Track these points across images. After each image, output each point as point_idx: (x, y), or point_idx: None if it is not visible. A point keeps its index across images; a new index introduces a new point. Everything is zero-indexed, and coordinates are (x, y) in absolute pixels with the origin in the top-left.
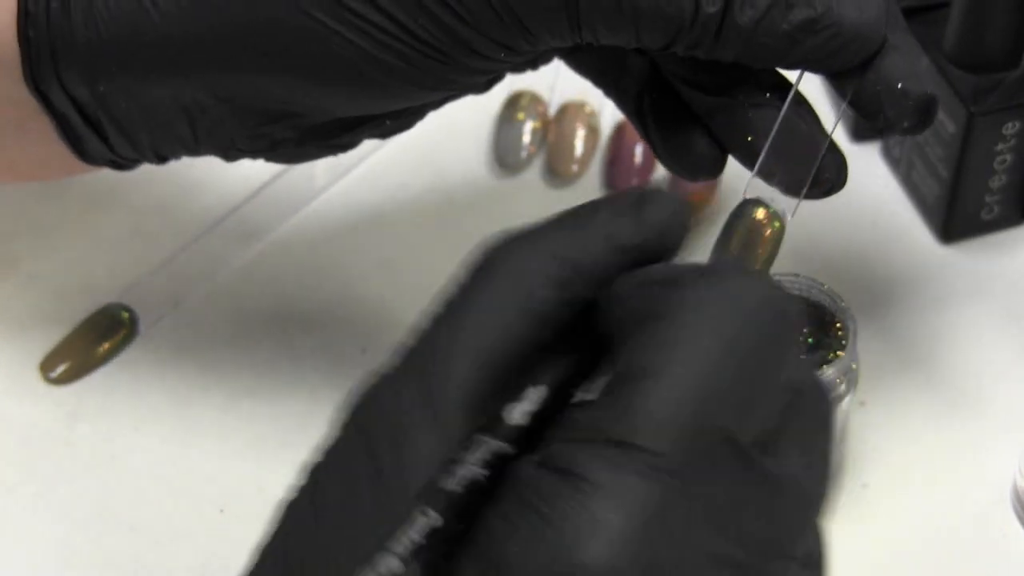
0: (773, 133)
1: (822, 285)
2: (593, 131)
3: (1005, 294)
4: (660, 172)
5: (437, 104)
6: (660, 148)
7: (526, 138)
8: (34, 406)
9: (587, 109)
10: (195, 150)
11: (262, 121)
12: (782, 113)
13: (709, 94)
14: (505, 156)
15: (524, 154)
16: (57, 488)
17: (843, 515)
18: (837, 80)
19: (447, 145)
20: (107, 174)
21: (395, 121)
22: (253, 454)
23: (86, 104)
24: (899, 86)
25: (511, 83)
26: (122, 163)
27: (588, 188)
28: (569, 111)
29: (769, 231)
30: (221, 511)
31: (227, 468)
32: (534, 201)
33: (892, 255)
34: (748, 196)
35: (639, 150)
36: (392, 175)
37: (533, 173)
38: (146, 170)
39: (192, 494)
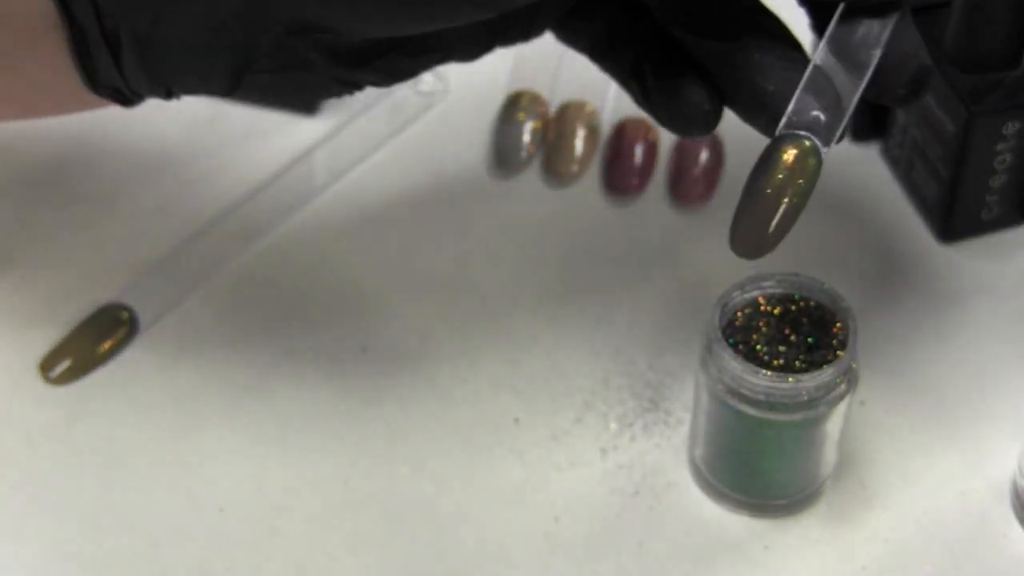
0: (804, 80)
1: (822, 285)
2: (593, 131)
3: (1005, 294)
4: (660, 174)
5: (444, 55)
6: (659, 106)
7: (526, 138)
8: (34, 406)
9: (587, 109)
10: (208, 74)
11: (290, 29)
12: (813, 61)
13: (716, 40)
14: (505, 156)
15: (524, 154)
16: (57, 488)
17: (843, 515)
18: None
19: (447, 145)
20: (107, 174)
21: (404, 58)
22: (253, 454)
23: (108, 13)
24: (905, 52)
25: (511, 83)
26: (128, 96)
27: (588, 188)
28: (569, 111)
29: (805, 165)
30: (221, 511)
31: (227, 468)
32: (534, 201)
33: (892, 255)
34: (781, 131)
35: (639, 150)
36: (392, 175)
37: (533, 173)
38: (146, 169)
39: (192, 494)
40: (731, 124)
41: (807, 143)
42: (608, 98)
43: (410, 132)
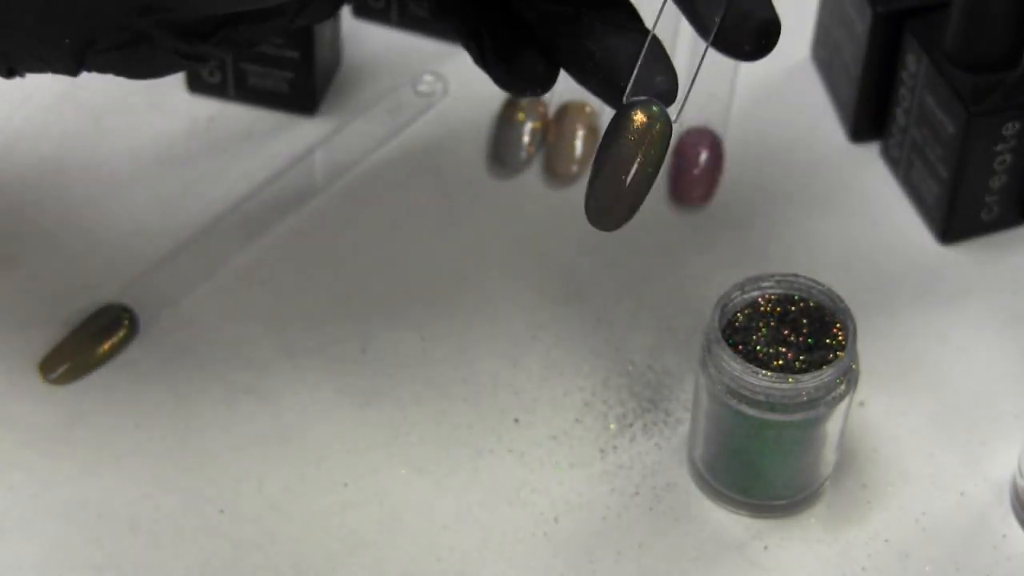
0: (647, 45)
1: (822, 285)
2: (593, 131)
3: (1005, 294)
4: (660, 174)
5: (290, 19)
6: (494, 67)
7: (526, 138)
8: (34, 406)
9: (587, 109)
10: (50, 56)
11: (129, 9)
12: (654, 26)
13: (549, 3)
14: (505, 156)
15: (524, 154)
16: (57, 488)
17: (843, 515)
18: None
19: (447, 145)
20: (107, 174)
21: (247, 27)
22: (253, 454)
23: None
24: (751, 7)
25: None
26: None
27: None
28: (569, 111)
29: (654, 131)
30: (221, 511)
31: (227, 468)
32: (534, 201)
33: (892, 255)
34: (630, 99)
35: None
36: (392, 175)
37: (533, 173)
38: (146, 169)
39: (192, 494)
40: (732, 124)
41: (655, 108)
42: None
43: (410, 132)
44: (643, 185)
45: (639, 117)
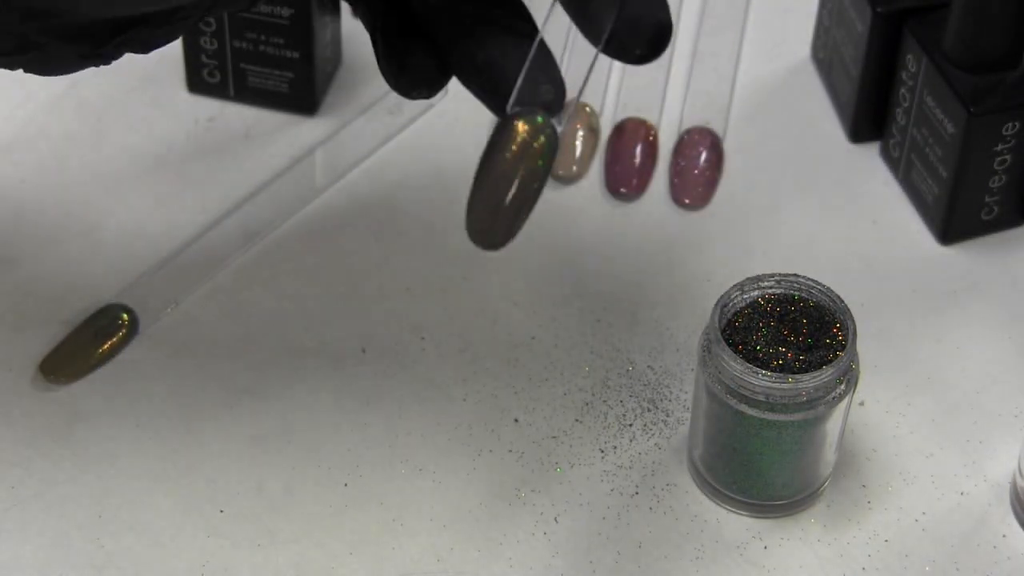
0: (533, 52)
1: (822, 285)
2: (593, 131)
3: (1005, 294)
4: (660, 174)
5: (196, 14)
6: (387, 68)
7: None
8: (34, 406)
9: (587, 109)
10: None
11: (21, 16)
12: (540, 32)
13: (437, 3)
14: None
15: None
16: (57, 488)
17: (843, 515)
18: None
19: (447, 145)
20: (107, 174)
21: (154, 29)
22: (253, 454)
23: None
24: (642, 10)
25: None
26: None
27: (588, 188)
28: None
29: (538, 143)
30: (221, 511)
31: (227, 468)
32: None
33: (892, 255)
34: (513, 109)
35: (639, 150)
36: (392, 175)
37: None
38: (146, 169)
39: (192, 494)
40: (732, 124)
41: (539, 120)
42: (608, 98)
43: (410, 132)
44: (525, 202)
45: (522, 129)
